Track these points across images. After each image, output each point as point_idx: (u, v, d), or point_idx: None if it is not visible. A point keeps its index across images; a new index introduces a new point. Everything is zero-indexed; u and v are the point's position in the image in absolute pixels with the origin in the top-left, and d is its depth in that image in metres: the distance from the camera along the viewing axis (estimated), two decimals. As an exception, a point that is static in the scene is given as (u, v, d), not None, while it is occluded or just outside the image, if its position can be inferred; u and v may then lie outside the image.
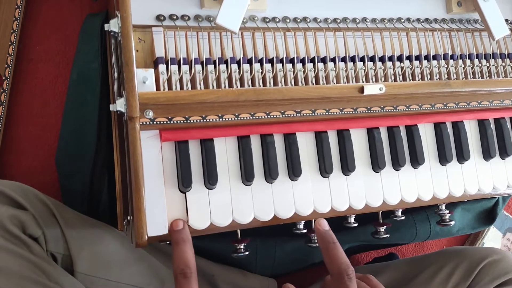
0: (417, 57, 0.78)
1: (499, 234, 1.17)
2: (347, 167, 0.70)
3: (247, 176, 0.65)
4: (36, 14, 0.90)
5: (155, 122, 0.62)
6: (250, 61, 0.69)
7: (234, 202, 0.65)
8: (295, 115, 0.68)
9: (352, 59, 0.75)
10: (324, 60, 0.73)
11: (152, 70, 0.64)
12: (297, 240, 0.87)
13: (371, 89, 0.69)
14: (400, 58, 0.77)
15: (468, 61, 0.81)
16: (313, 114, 0.69)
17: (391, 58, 0.77)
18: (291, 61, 0.72)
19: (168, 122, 0.62)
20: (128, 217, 0.63)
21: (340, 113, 0.70)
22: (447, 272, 0.84)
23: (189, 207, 0.63)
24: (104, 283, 0.70)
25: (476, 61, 0.82)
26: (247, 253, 0.68)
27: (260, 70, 0.70)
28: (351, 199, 0.71)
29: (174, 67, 0.66)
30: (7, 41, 0.85)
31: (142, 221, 0.57)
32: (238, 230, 0.67)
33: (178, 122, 0.63)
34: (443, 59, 0.80)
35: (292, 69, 0.71)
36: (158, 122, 0.62)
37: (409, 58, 0.78)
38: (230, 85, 0.68)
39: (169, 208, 0.62)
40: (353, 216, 0.73)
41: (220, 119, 0.65)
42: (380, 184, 0.72)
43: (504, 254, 0.84)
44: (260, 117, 0.66)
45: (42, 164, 0.89)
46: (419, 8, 0.81)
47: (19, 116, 0.88)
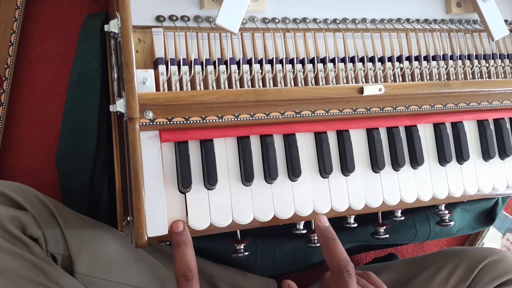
0: (417, 58, 0.78)
1: (499, 235, 1.17)
2: (347, 167, 0.70)
3: (246, 177, 0.65)
4: (36, 14, 0.90)
5: (155, 123, 0.62)
6: (249, 62, 0.70)
7: (234, 203, 0.65)
8: (294, 115, 0.68)
9: (352, 59, 0.75)
10: (323, 60, 0.73)
11: (152, 70, 0.64)
12: (297, 241, 0.87)
13: (371, 89, 0.69)
14: (400, 59, 0.77)
15: (467, 62, 0.81)
16: (313, 114, 0.69)
17: (390, 59, 0.77)
18: (291, 61, 0.72)
19: (168, 122, 0.62)
20: (128, 218, 0.63)
21: (340, 113, 0.70)
22: (446, 272, 0.84)
23: (189, 208, 0.63)
24: (104, 283, 0.70)
25: (475, 61, 0.82)
26: (246, 253, 0.68)
27: (260, 71, 0.70)
28: (350, 199, 0.71)
29: (174, 68, 0.66)
30: (7, 42, 0.85)
31: (142, 221, 0.57)
32: (238, 231, 0.67)
33: (178, 122, 0.63)
34: (442, 59, 0.80)
35: (292, 70, 0.71)
36: (158, 123, 0.62)
37: (408, 58, 0.78)
38: (230, 85, 0.68)
39: (169, 208, 0.62)
40: (353, 217, 0.73)
41: (220, 120, 0.65)
42: (380, 185, 0.72)
43: (504, 255, 0.84)
44: (259, 117, 0.66)
45: (42, 164, 0.89)
46: (418, 9, 0.81)
47: (19, 117, 0.88)
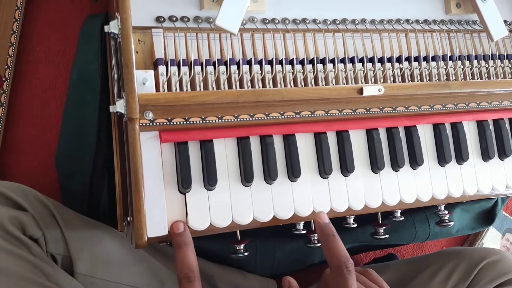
0: (416, 58, 0.78)
1: (498, 235, 1.17)
2: (346, 168, 0.70)
3: (246, 177, 0.66)
4: (36, 15, 0.90)
5: (154, 123, 0.62)
6: (249, 62, 0.70)
7: (234, 203, 0.65)
8: (294, 116, 0.68)
9: (351, 60, 0.75)
10: (323, 61, 0.73)
11: (152, 71, 0.64)
12: (297, 241, 0.87)
13: (370, 90, 0.69)
14: (399, 59, 0.77)
15: (467, 62, 0.81)
16: (312, 115, 0.69)
17: (390, 59, 0.77)
18: (291, 62, 0.72)
19: (168, 123, 0.63)
20: (128, 218, 0.64)
21: (339, 114, 0.70)
22: (446, 272, 0.84)
23: (188, 208, 0.63)
24: (104, 284, 0.70)
25: (475, 62, 0.82)
26: (246, 253, 0.68)
27: (260, 71, 0.70)
28: (350, 200, 0.71)
29: (173, 69, 0.66)
30: (7, 42, 0.85)
31: (142, 222, 0.58)
32: (238, 231, 0.67)
33: (178, 123, 0.63)
34: (442, 60, 0.80)
35: (292, 70, 0.71)
36: (158, 123, 0.62)
37: (408, 59, 0.78)
38: (230, 86, 0.68)
39: (168, 209, 0.62)
40: (352, 217, 0.73)
41: (220, 120, 0.65)
42: (379, 185, 0.72)
43: (503, 255, 0.84)
44: (259, 118, 0.67)
45: (42, 164, 0.89)
46: (418, 9, 0.81)
47: (19, 117, 0.88)
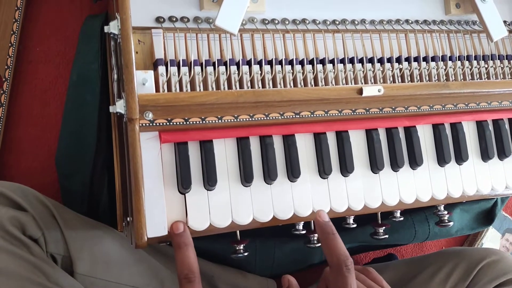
0: (416, 59, 0.78)
1: (498, 235, 1.17)
2: (346, 168, 0.70)
3: (246, 177, 0.66)
4: (36, 15, 0.90)
5: (154, 124, 0.62)
6: (249, 63, 0.70)
7: (233, 203, 0.65)
8: (294, 116, 0.68)
9: (351, 60, 0.75)
10: (323, 61, 0.73)
11: (152, 71, 0.64)
12: (296, 241, 0.87)
13: (370, 90, 0.69)
14: (399, 60, 0.77)
15: (466, 63, 0.81)
16: (312, 115, 0.69)
17: (389, 60, 0.77)
18: (290, 62, 0.72)
19: (168, 123, 0.63)
20: (128, 218, 0.64)
21: (339, 114, 0.70)
22: (446, 272, 0.84)
23: (188, 208, 0.63)
24: (104, 284, 0.70)
25: (474, 62, 0.82)
26: (246, 254, 0.68)
27: (259, 72, 0.70)
28: (350, 200, 0.71)
29: (173, 69, 0.66)
30: (7, 43, 0.85)
31: (141, 222, 0.58)
32: (238, 231, 0.67)
33: (178, 123, 0.63)
34: (441, 60, 0.80)
35: (291, 71, 0.71)
36: (158, 124, 0.62)
37: (407, 59, 0.78)
38: (229, 86, 0.68)
39: (168, 209, 0.62)
40: (352, 217, 0.73)
41: (220, 121, 0.65)
42: (379, 185, 0.73)
43: (503, 255, 0.84)
44: (259, 118, 0.67)
45: (42, 165, 0.89)
46: (417, 10, 0.81)
47: (19, 117, 0.88)
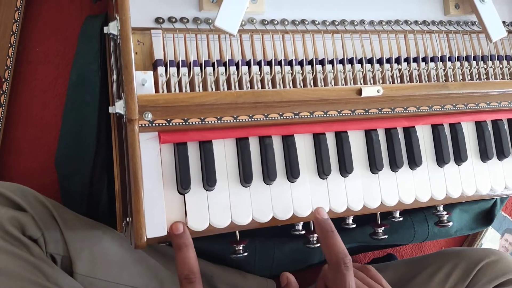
0: (415, 59, 0.78)
1: (497, 235, 1.18)
2: (345, 168, 0.70)
3: (245, 178, 0.66)
4: (36, 15, 0.90)
5: (154, 124, 0.62)
6: (248, 64, 0.70)
7: (233, 204, 0.66)
8: (293, 117, 0.68)
9: (350, 61, 0.75)
10: (322, 62, 0.73)
11: (151, 72, 0.64)
12: (296, 241, 0.87)
13: (369, 91, 0.69)
14: (398, 60, 0.78)
15: (465, 63, 0.81)
16: (311, 116, 0.69)
17: (389, 60, 0.77)
18: (290, 63, 0.72)
19: (167, 124, 0.63)
20: (127, 219, 0.64)
21: (338, 115, 0.70)
22: (445, 273, 0.84)
23: (188, 209, 0.64)
24: (103, 284, 0.70)
25: (473, 63, 0.82)
26: (245, 254, 0.68)
27: (259, 72, 0.70)
28: (349, 200, 0.71)
29: (173, 70, 0.66)
30: (7, 43, 0.85)
31: (141, 222, 0.58)
32: (237, 231, 0.67)
33: (177, 124, 0.63)
34: (440, 61, 0.80)
35: (291, 71, 0.71)
36: (157, 124, 0.62)
37: (407, 60, 0.78)
38: (229, 87, 0.68)
39: (168, 209, 0.62)
40: (351, 217, 0.73)
41: (219, 121, 0.65)
42: (378, 186, 0.73)
43: (502, 255, 0.85)
44: (258, 119, 0.67)
45: (42, 165, 0.89)
46: (417, 10, 0.81)
47: (18, 118, 0.88)
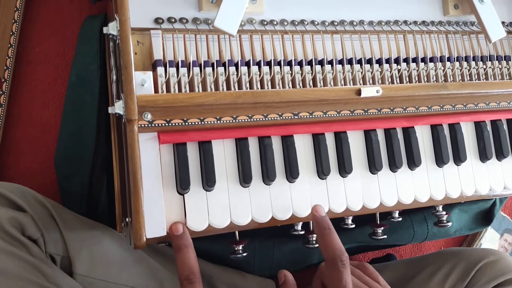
0: (414, 60, 0.78)
1: (497, 235, 1.18)
2: (345, 169, 0.70)
3: (245, 178, 0.66)
4: (35, 16, 0.90)
5: (153, 125, 0.62)
6: (248, 64, 0.70)
7: (232, 204, 0.66)
8: (292, 117, 0.68)
9: (350, 61, 0.75)
10: (321, 62, 0.73)
11: (151, 72, 0.64)
12: (295, 242, 0.87)
13: (368, 91, 0.69)
14: (397, 61, 0.78)
15: (464, 63, 0.81)
16: (311, 116, 0.69)
17: (388, 61, 0.77)
18: (289, 63, 0.72)
19: (167, 124, 0.63)
20: (127, 219, 0.64)
21: (338, 115, 0.70)
22: (444, 273, 0.84)
23: (187, 209, 0.64)
24: (103, 284, 0.70)
25: (472, 63, 0.82)
26: (245, 254, 0.68)
27: (258, 73, 0.70)
28: (348, 200, 0.71)
29: (172, 70, 0.66)
30: (6, 43, 0.85)
31: (140, 223, 0.58)
32: (236, 232, 0.68)
33: (176, 124, 0.63)
34: (440, 61, 0.80)
35: (290, 72, 0.72)
36: (157, 125, 0.62)
37: (406, 60, 0.78)
38: (228, 87, 0.69)
39: (167, 210, 0.62)
40: (351, 218, 0.73)
41: (218, 122, 0.65)
42: (377, 186, 0.73)
43: (501, 256, 0.85)
44: (258, 119, 0.67)
45: (41, 165, 0.89)
46: (416, 11, 0.81)
47: (18, 118, 0.88)
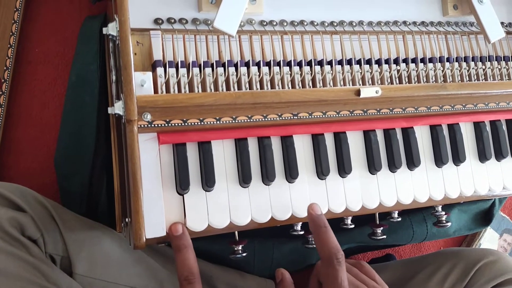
0: (413, 60, 0.79)
1: (496, 235, 1.18)
2: (344, 169, 0.70)
3: (244, 178, 0.66)
4: (35, 16, 0.90)
5: (153, 125, 0.62)
6: (247, 64, 0.70)
7: (232, 204, 0.66)
8: (292, 117, 0.68)
9: (349, 62, 0.75)
10: (321, 63, 0.73)
11: (150, 73, 0.65)
12: (295, 242, 0.87)
13: (368, 92, 0.69)
14: (397, 61, 0.78)
15: (464, 64, 0.81)
16: (310, 116, 0.69)
17: (387, 61, 0.77)
18: (288, 64, 0.72)
19: (166, 125, 0.63)
20: (127, 219, 0.64)
21: (337, 115, 0.70)
22: (443, 273, 0.85)
23: (187, 209, 0.64)
24: (103, 284, 0.70)
25: (472, 63, 0.82)
26: (244, 254, 0.68)
27: (258, 73, 0.70)
28: (347, 200, 0.71)
29: (172, 70, 0.66)
30: (6, 44, 0.85)
31: (140, 223, 0.58)
32: (236, 232, 0.68)
33: (176, 124, 0.63)
34: (439, 61, 0.80)
35: (289, 72, 0.72)
36: (156, 125, 0.62)
37: (405, 61, 0.78)
38: (228, 88, 0.69)
39: (167, 210, 0.63)
40: (350, 218, 0.74)
41: (218, 122, 0.65)
42: (377, 186, 0.73)
43: (500, 256, 0.85)
44: (257, 119, 0.67)
45: (41, 165, 0.89)
46: (415, 11, 0.81)
47: (18, 118, 0.88)
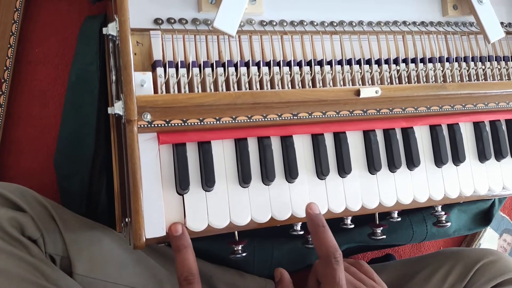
0: (413, 60, 0.79)
1: (496, 235, 1.18)
2: (344, 169, 0.71)
3: (244, 178, 0.66)
4: (35, 16, 0.90)
5: (153, 125, 0.62)
6: (247, 64, 0.70)
7: (232, 204, 0.66)
8: (292, 117, 0.68)
9: (349, 62, 0.75)
10: (320, 63, 0.74)
11: (150, 73, 0.65)
12: (294, 242, 0.88)
13: (367, 92, 0.69)
14: (396, 61, 0.78)
15: (463, 64, 0.81)
16: (310, 116, 0.69)
17: (387, 61, 0.77)
18: (288, 64, 0.72)
19: (166, 125, 0.63)
20: (126, 219, 0.64)
21: (337, 115, 0.71)
22: (443, 273, 0.85)
23: (186, 209, 0.64)
24: (102, 284, 0.70)
25: (471, 63, 0.82)
26: (244, 254, 0.68)
27: (257, 73, 0.70)
28: (347, 200, 0.71)
29: (171, 70, 0.66)
30: (6, 44, 0.85)
31: (140, 223, 0.58)
32: (236, 232, 0.68)
33: (176, 125, 0.63)
34: (438, 61, 0.80)
35: (289, 72, 0.72)
36: (156, 125, 0.62)
37: (405, 61, 0.78)
38: (228, 88, 0.69)
39: (167, 210, 0.63)
40: (350, 218, 0.74)
41: (218, 122, 0.65)
42: (376, 186, 0.73)
43: (500, 256, 0.85)
44: (257, 119, 0.67)
45: (41, 165, 0.89)
46: (415, 11, 0.81)
47: (18, 118, 0.88)
